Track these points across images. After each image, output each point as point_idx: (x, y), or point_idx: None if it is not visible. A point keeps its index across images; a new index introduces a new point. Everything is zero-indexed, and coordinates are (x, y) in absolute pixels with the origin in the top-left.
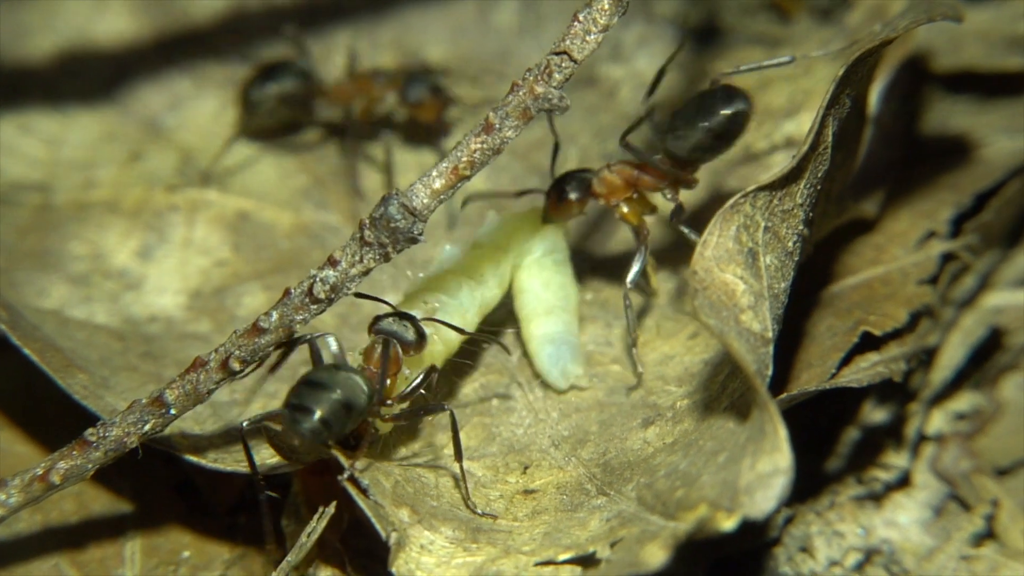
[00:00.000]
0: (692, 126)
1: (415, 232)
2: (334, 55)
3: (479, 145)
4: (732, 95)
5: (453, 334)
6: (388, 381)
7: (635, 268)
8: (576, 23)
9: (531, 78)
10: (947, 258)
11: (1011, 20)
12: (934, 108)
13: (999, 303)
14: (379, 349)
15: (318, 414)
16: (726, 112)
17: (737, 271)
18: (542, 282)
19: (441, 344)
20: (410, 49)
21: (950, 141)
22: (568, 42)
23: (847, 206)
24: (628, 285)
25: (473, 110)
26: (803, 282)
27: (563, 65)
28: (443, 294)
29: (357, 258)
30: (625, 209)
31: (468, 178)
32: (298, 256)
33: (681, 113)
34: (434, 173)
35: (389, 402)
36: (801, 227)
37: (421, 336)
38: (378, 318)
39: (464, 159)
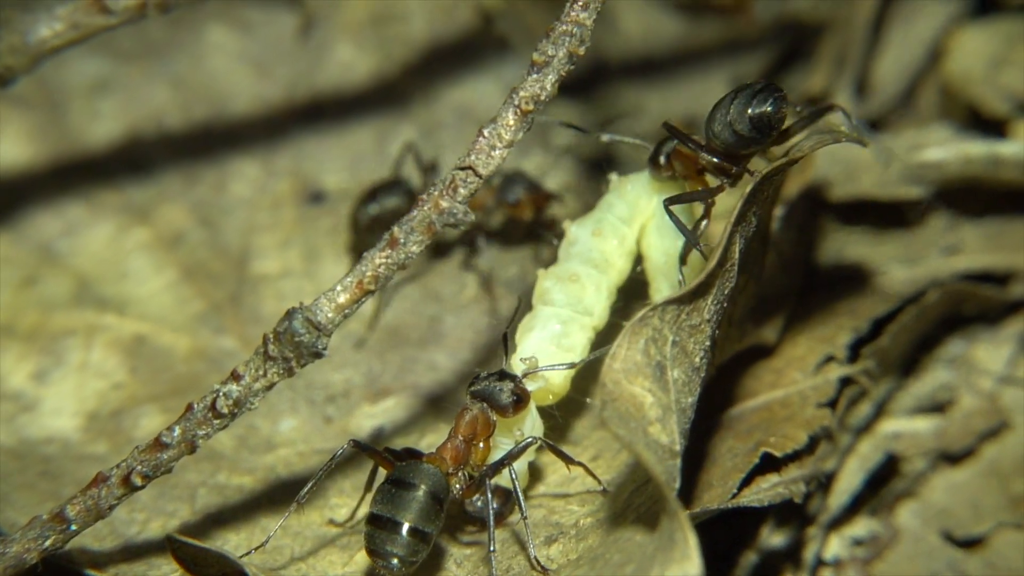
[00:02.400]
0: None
1: (319, 347)
2: (230, 183)
3: (384, 260)
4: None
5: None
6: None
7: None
8: (481, 138)
9: (436, 193)
10: (845, 382)
11: (905, 151)
12: (831, 237)
13: (895, 430)
14: (467, 415)
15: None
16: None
17: (645, 384)
18: (662, 250)
19: (550, 394)
20: (307, 176)
21: (847, 269)
22: (473, 157)
23: (748, 330)
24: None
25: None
26: (704, 405)
27: (468, 180)
28: (567, 307)
29: (261, 372)
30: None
31: (372, 293)
32: (195, 380)
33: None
34: (338, 288)
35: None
36: (708, 343)
37: (519, 399)
38: (475, 379)
39: (369, 273)
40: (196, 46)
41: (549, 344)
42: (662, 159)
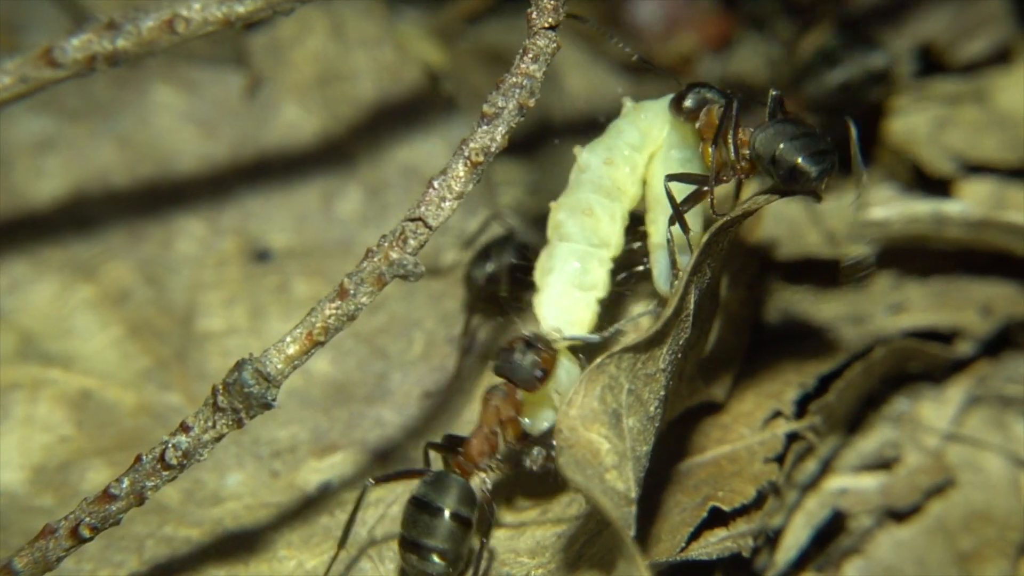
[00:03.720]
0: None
1: (269, 398)
2: (175, 241)
3: (334, 311)
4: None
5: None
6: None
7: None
8: (431, 190)
9: (386, 244)
10: (792, 438)
11: (852, 209)
12: (777, 295)
13: (841, 486)
14: (491, 402)
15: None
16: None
17: (602, 431)
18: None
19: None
20: (253, 235)
21: (793, 326)
22: (423, 208)
23: (697, 387)
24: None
25: None
26: (653, 460)
27: (418, 231)
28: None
29: (210, 423)
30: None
31: (322, 344)
32: (141, 434)
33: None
34: (288, 339)
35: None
36: (662, 393)
37: (544, 373)
38: (498, 353)
39: (318, 325)
40: (142, 105)
41: (571, 287)
42: (688, 104)
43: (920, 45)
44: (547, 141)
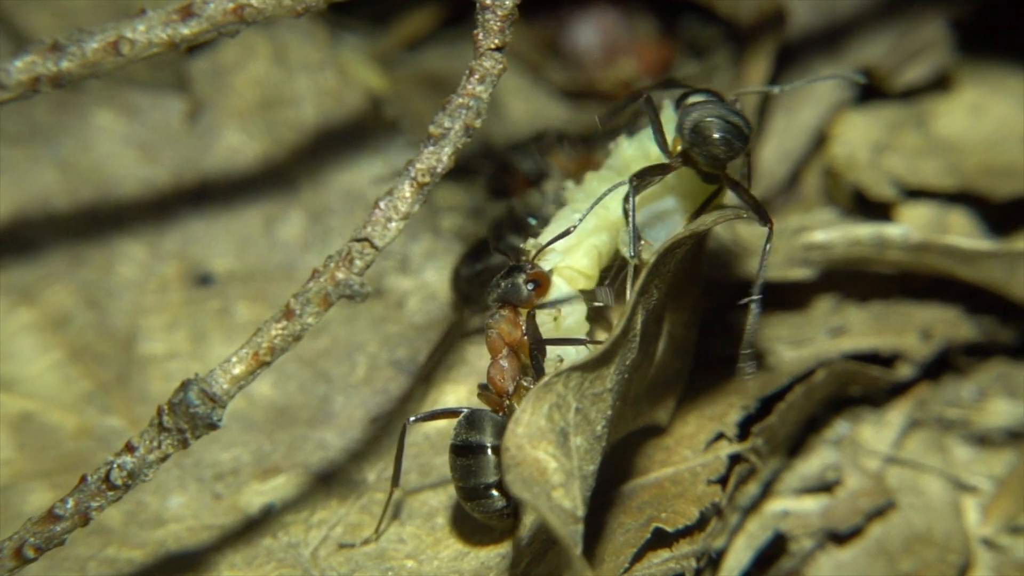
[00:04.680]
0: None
1: (214, 418)
2: (117, 265)
3: (280, 331)
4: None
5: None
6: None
7: None
8: (377, 210)
9: (332, 265)
10: (735, 460)
11: (793, 233)
12: (720, 318)
13: (783, 509)
14: (492, 331)
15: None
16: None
17: (549, 449)
18: None
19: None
20: (195, 259)
21: (737, 350)
22: (369, 229)
23: (642, 410)
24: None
25: None
26: (596, 482)
27: (364, 252)
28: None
29: (155, 444)
30: None
31: (268, 364)
32: (84, 457)
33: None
34: (234, 359)
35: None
36: (609, 412)
37: (537, 282)
38: (490, 288)
39: (264, 345)
40: (83, 130)
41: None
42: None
43: (861, 70)
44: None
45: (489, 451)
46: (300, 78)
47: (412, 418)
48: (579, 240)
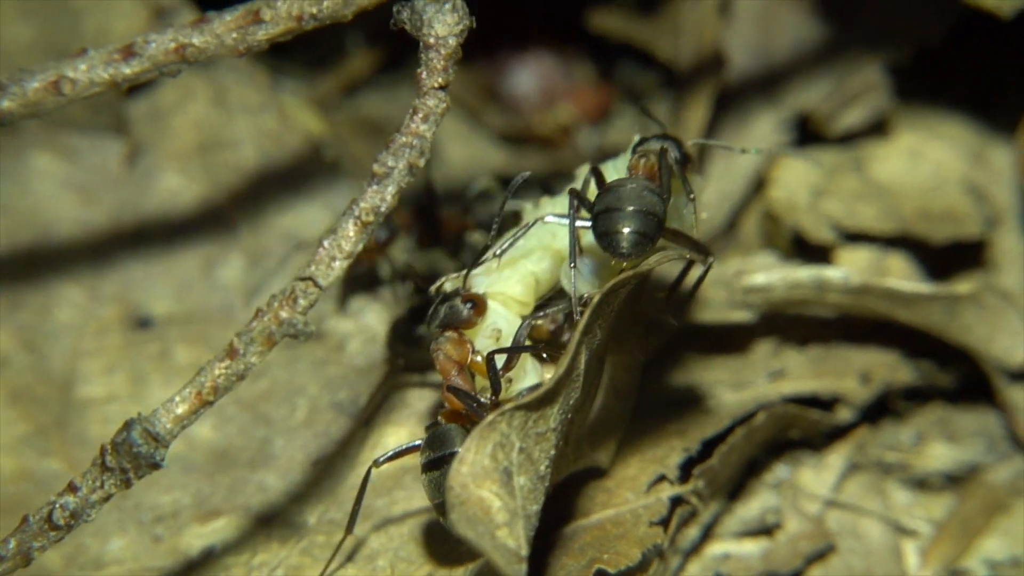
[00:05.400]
0: None
1: (157, 458)
2: (54, 308)
3: (223, 370)
4: None
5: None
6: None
7: None
8: (321, 249)
9: (276, 304)
10: (676, 502)
11: (733, 276)
12: (660, 360)
13: (723, 551)
14: (440, 354)
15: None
16: None
17: (493, 488)
18: None
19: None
20: (134, 302)
21: (676, 392)
22: (313, 268)
23: (583, 451)
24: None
25: None
26: (539, 524)
27: (308, 291)
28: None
29: (98, 484)
30: None
31: (211, 403)
32: (22, 500)
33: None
34: (177, 399)
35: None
36: (552, 452)
37: (473, 302)
38: (429, 317)
39: (208, 384)
40: (21, 172)
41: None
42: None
43: (799, 115)
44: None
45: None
46: (240, 120)
47: (379, 459)
48: (514, 265)
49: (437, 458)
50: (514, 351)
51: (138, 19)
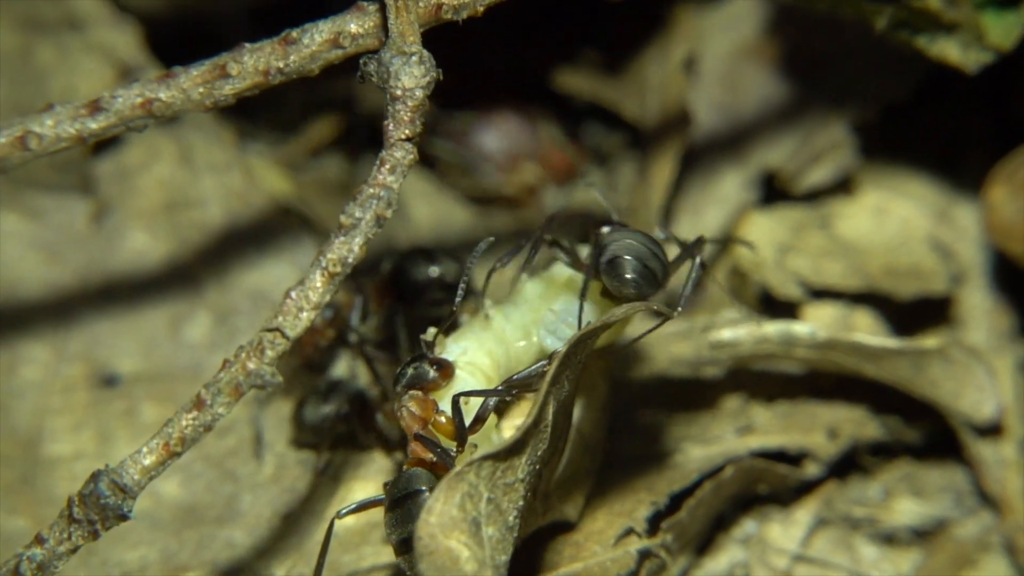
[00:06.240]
0: None
1: (125, 509)
2: (20, 367)
3: (190, 421)
4: None
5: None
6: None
7: None
8: (289, 300)
9: (243, 355)
10: (644, 555)
11: (700, 331)
12: (628, 415)
13: None
14: (404, 412)
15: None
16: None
17: (462, 538)
18: None
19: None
20: (100, 361)
21: (644, 446)
22: (280, 319)
23: (552, 505)
24: None
25: None
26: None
27: (276, 342)
28: None
29: (65, 536)
30: None
31: (179, 455)
32: None
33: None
34: (144, 450)
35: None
36: (521, 503)
37: (440, 365)
38: (396, 379)
39: (175, 436)
40: None
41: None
42: None
43: (765, 173)
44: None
45: (426, 493)
46: (206, 179)
47: (342, 511)
48: (480, 341)
49: (400, 496)
50: (483, 394)
51: (103, 78)
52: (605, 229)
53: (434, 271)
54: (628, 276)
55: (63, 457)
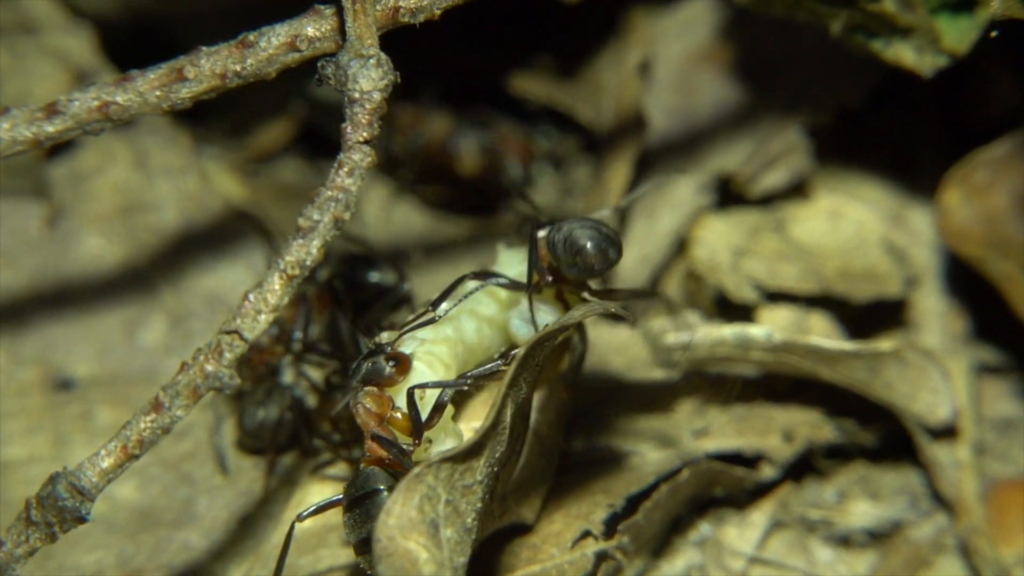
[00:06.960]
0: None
1: (83, 512)
2: None
3: (148, 424)
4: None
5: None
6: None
7: None
8: (247, 302)
9: (202, 357)
10: (601, 557)
11: (654, 336)
12: (585, 417)
13: None
14: (360, 409)
15: None
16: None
17: (420, 540)
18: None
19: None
20: (55, 364)
21: (601, 449)
22: (239, 321)
23: (508, 507)
24: None
25: None
26: None
27: (234, 344)
28: None
29: (23, 538)
30: None
31: (137, 457)
32: None
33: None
34: (102, 452)
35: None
36: (479, 505)
37: (397, 360)
38: (352, 372)
39: (133, 438)
40: None
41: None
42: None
43: (719, 177)
44: None
45: (384, 492)
46: (161, 183)
47: (302, 513)
48: (437, 331)
49: (359, 496)
50: (439, 385)
51: (59, 82)
52: (542, 232)
53: (374, 276)
54: (588, 245)
55: (18, 461)
